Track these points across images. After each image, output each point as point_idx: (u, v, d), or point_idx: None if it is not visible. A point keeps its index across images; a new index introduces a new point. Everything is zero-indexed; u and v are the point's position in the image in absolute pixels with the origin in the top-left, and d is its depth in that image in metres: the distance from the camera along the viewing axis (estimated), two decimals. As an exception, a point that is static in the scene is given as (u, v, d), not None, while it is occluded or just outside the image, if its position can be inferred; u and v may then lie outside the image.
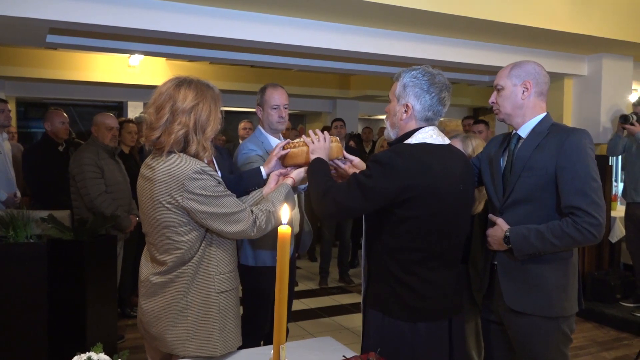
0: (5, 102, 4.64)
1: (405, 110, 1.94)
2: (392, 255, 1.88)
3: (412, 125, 1.95)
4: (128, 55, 7.09)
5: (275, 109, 2.95)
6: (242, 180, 2.32)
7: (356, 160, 2.29)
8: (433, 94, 1.91)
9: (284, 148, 2.26)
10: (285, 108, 2.98)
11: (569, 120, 5.45)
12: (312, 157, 2.12)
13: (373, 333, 1.97)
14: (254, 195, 2.17)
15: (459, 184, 1.92)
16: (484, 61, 4.76)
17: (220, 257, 1.94)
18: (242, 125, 6.44)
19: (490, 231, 2.16)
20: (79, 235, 3.46)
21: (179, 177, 1.81)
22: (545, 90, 2.18)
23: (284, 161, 2.26)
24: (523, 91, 2.14)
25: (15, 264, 3.11)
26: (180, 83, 1.89)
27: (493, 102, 2.23)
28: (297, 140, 2.24)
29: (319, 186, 1.98)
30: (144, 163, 1.96)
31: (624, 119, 4.80)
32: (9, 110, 4.64)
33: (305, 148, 2.18)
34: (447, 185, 1.87)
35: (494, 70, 5.29)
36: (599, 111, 5.27)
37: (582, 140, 2.02)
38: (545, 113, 2.16)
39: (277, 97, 2.96)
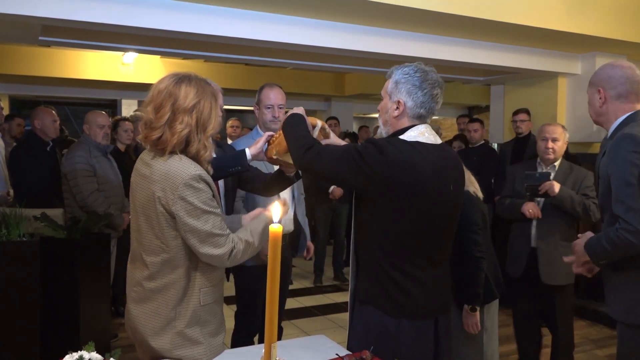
0: (-3, 99, 4.61)
1: (397, 107, 1.93)
2: (382, 249, 1.88)
3: (404, 122, 1.94)
4: (122, 52, 7.05)
5: (269, 108, 2.96)
6: (226, 160, 2.28)
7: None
8: (425, 91, 1.90)
9: (270, 140, 2.21)
10: (281, 108, 2.99)
11: (562, 119, 5.46)
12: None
13: (359, 327, 1.97)
14: (233, 220, 2.10)
15: (449, 185, 1.90)
16: (478, 59, 4.76)
17: (208, 269, 1.90)
18: (229, 123, 6.42)
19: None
20: (72, 234, 3.45)
21: (175, 181, 1.76)
22: (624, 91, 2.15)
23: (267, 151, 2.21)
24: (599, 98, 2.17)
25: (8, 263, 3.09)
26: (180, 80, 1.81)
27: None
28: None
29: (301, 138, 1.95)
30: (142, 160, 1.89)
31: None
32: (2, 108, 4.60)
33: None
34: (436, 185, 1.85)
35: (488, 69, 5.31)
36: (592, 110, 5.28)
37: (622, 145, 2.02)
38: (625, 115, 2.14)
39: (272, 97, 2.98)
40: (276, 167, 2.86)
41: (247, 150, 2.28)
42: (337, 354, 1.64)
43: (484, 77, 6.05)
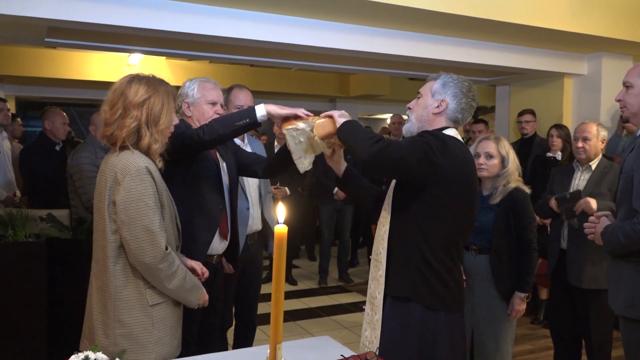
0: (4, 100, 4.64)
1: (438, 105, 2.02)
2: (426, 242, 1.93)
3: (441, 122, 2.03)
4: (128, 54, 7.07)
5: (238, 109, 2.97)
6: (231, 116, 2.24)
7: None
8: (469, 100, 2.04)
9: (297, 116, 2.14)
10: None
11: (568, 120, 5.44)
12: (343, 119, 2.01)
13: (394, 324, 2.00)
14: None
15: (477, 185, 2.08)
16: (483, 60, 4.75)
17: None
18: None
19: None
20: (78, 235, 3.45)
21: (123, 171, 1.82)
22: None
23: (283, 123, 2.13)
24: None
25: (14, 263, 3.10)
26: (131, 79, 1.93)
27: (620, 100, 2.21)
28: (302, 122, 2.11)
29: (369, 133, 1.94)
30: (104, 158, 1.97)
31: (625, 117, 4.79)
32: (8, 109, 4.64)
33: (330, 119, 2.05)
34: (475, 183, 2.02)
35: (493, 70, 5.29)
36: (598, 111, 5.26)
37: None
38: None
39: (242, 97, 3.04)
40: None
41: (261, 105, 2.18)
42: (342, 355, 1.64)
43: (489, 78, 6.04)
